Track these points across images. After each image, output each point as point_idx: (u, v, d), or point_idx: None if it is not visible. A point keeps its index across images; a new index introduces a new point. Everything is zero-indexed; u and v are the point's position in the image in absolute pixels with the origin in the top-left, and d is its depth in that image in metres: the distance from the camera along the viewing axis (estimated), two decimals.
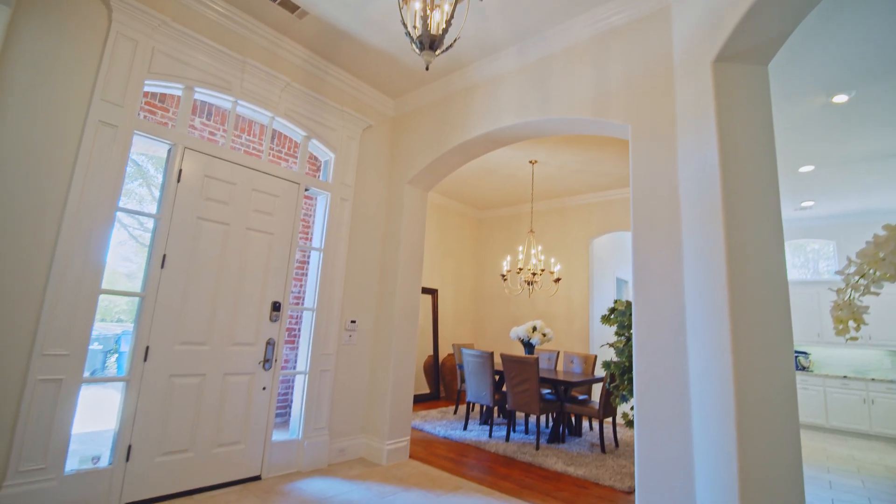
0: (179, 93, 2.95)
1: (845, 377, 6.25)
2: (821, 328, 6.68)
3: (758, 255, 2.08)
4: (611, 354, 6.14)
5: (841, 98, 3.54)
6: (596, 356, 5.39)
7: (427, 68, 1.99)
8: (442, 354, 7.24)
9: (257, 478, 3.10)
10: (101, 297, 2.51)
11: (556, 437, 4.66)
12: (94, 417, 4.29)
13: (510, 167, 5.80)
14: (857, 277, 0.88)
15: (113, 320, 7.06)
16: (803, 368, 6.75)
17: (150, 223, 2.87)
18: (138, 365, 2.64)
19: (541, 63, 3.22)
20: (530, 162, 5.56)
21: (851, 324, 0.86)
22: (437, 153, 3.80)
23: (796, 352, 6.86)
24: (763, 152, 2.18)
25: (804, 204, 6.13)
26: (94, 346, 6.49)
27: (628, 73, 2.75)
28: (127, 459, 2.56)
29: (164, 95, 3.96)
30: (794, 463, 1.91)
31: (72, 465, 2.52)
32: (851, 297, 0.88)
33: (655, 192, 2.51)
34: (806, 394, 6.43)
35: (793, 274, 7.24)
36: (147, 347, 2.68)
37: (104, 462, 2.58)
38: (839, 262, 6.78)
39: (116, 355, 6.51)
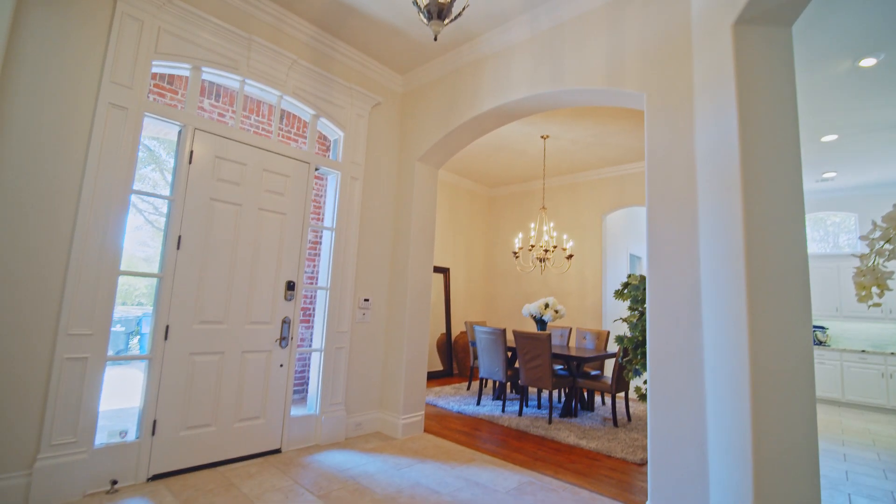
0: (187, 73, 2.94)
1: (864, 351, 6.16)
2: (839, 302, 6.56)
3: (777, 228, 2.03)
4: (624, 329, 6.13)
5: (868, 62, 3.38)
6: (608, 332, 5.39)
7: (435, 39, 1.94)
8: (454, 332, 7.30)
9: (277, 451, 3.20)
10: (122, 281, 2.57)
11: (568, 412, 4.71)
12: (120, 396, 4.45)
13: (521, 143, 5.70)
14: (882, 242, 0.85)
15: (134, 304, 7.28)
16: (820, 343, 6.67)
17: (164, 208, 2.90)
18: (159, 344, 2.71)
19: (552, 32, 3.13)
20: (542, 137, 5.46)
21: (875, 290, 0.84)
22: (448, 129, 3.75)
23: (813, 326, 6.77)
24: (785, 120, 2.11)
25: (826, 175, 5.95)
26: (117, 328, 6.70)
27: (644, 39, 2.65)
28: (153, 434, 2.66)
29: (172, 77, 3.95)
30: (809, 436, 1.90)
31: (101, 439, 2.63)
32: (875, 263, 0.85)
33: (671, 163, 2.45)
34: (822, 368, 6.37)
35: (812, 248, 7.08)
36: (167, 327, 2.74)
37: (131, 436, 2.69)
38: (860, 241, 6.61)
39: (138, 337, 6.71)
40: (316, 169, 3.58)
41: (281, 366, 3.25)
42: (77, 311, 2.40)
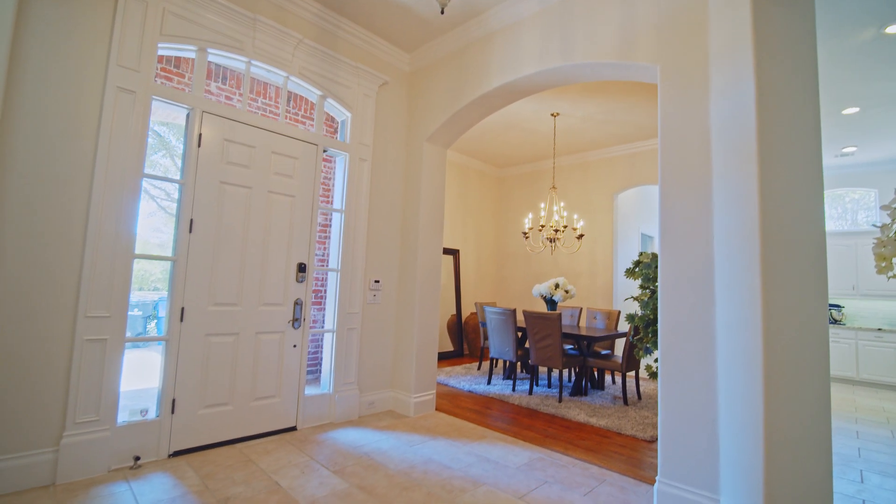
0: (193, 55, 2.92)
1: (880, 329, 6.07)
2: (856, 280, 6.45)
3: (794, 204, 1.98)
4: (634, 308, 6.11)
5: (895, 28, 3.24)
6: (619, 312, 5.37)
7: (442, 12, 1.89)
8: (465, 313, 7.34)
9: (293, 428, 3.28)
10: (137, 267, 2.62)
11: (578, 391, 4.74)
12: (140, 378, 4.57)
13: (531, 121, 5.61)
14: None
15: (150, 289, 7.44)
16: (835, 322, 6.59)
17: (176, 194, 2.93)
18: (175, 325, 2.77)
19: (562, 4, 3.04)
20: (552, 115, 5.36)
21: (895, 261, 0.81)
22: (456, 107, 3.70)
23: (829, 304, 6.67)
24: (804, 92, 2.04)
25: (845, 149, 5.77)
26: (135, 312, 6.86)
27: (657, 9, 2.56)
28: (172, 412, 2.74)
29: (178, 60, 3.93)
30: (821, 414, 1.89)
31: (123, 417, 2.71)
32: None
33: (685, 137, 2.39)
34: (837, 347, 6.30)
35: (829, 225, 6.93)
36: (182, 309, 2.79)
37: (152, 415, 2.77)
38: (880, 212, 6.44)
39: (155, 321, 6.86)
40: (324, 151, 3.57)
41: (294, 346, 3.31)
42: (95, 294, 2.45)
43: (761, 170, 2.00)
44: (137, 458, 2.58)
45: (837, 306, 6.67)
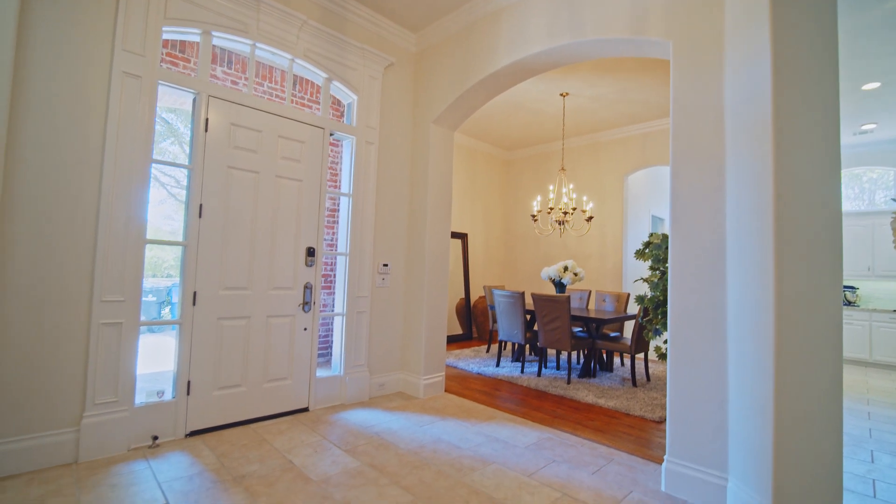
0: (197, 38, 2.90)
1: (895, 311, 5.99)
2: (872, 261, 6.33)
3: (809, 183, 1.93)
4: (644, 290, 6.08)
5: None
6: (629, 294, 5.35)
7: None
8: (473, 297, 7.36)
9: (305, 409, 3.35)
10: (150, 254, 2.65)
11: (587, 373, 4.76)
12: (156, 362, 4.68)
13: (540, 101, 5.52)
14: None
15: (163, 275, 7.57)
16: (849, 303, 6.50)
17: (186, 181, 2.94)
18: (188, 309, 2.81)
19: None
20: (561, 95, 5.26)
21: None
22: (463, 88, 3.64)
23: (843, 286, 6.58)
24: (823, 66, 1.97)
25: (865, 127, 5.61)
26: (149, 298, 6.99)
27: None
28: (188, 393, 2.80)
29: (183, 45, 3.91)
30: (833, 394, 1.87)
31: (140, 398, 2.78)
32: None
33: (698, 115, 2.34)
34: (850, 329, 6.23)
35: (846, 205, 6.78)
36: (195, 293, 2.83)
37: (168, 396, 2.84)
38: None
39: (169, 307, 6.98)
40: (331, 135, 3.55)
41: (305, 329, 3.35)
42: (109, 279, 2.49)
43: (776, 148, 1.95)
44: (155, 438, 2.65)
45: (852, 288, 6.58)
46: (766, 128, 1.97)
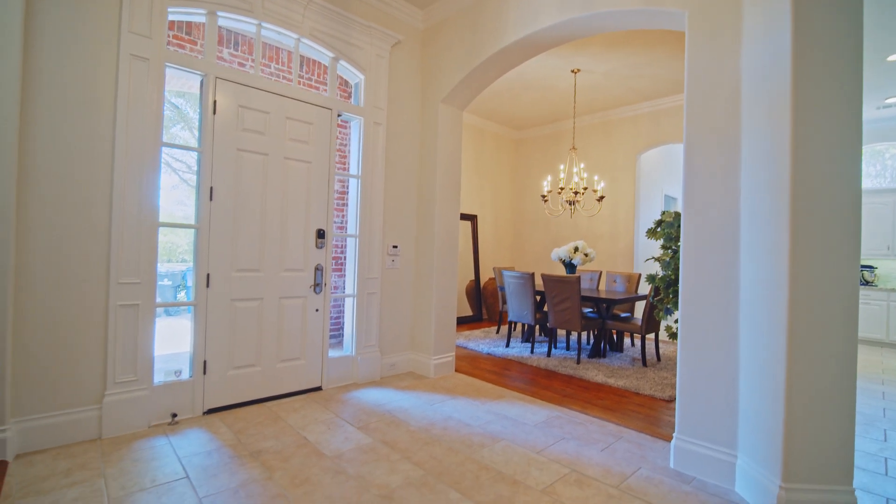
0: (203, 19, 2.88)
1: None
2: (892, 240, 6.18)
3: (828, 160, 1.88)
4: (655, 269, 6.03)
5: None
6: (640, 274, 5.31)
7: None
8: (483, 279, 7.37)
9: (318, 388, 3.42)
10: (165, 239, 2.69)
11: (597, 353, 4.77)
12: (172, 344, 4.79)
13: (550, 78, 5.40)
14: None
15: (178, 260, 7.71)
16: (867, 283, 6.38)
17: (196, 165, 2.95)
18: (202, 291, 2.86)
19: None
20: (572, 71, 5.14)
21: None
22: (471, 66, 3.58)
23: (861, 266, 6.45)
24: (846, 37, 1.89)
25: (889, 101, 5.40)
26: (164, 282, 7.13)
27: None
28: (204, 373, 2.87)
29: (190, 27, 3.88)
30: (846, 374, 1.86)
31: (159, 378, 2.86)
32: None
33: (713, 88, 2.27)
34: (868, 309, 6.13)
35: (865, 183, 6.59)
36: (208, 275, 2.88)
37: (185, 375, 2.91)
38: None
39: (184, 290, 7.13)
40: (339, 115, 3.53)
41: (317, 310, 3.39)
42: (124, 262, 2.54)
43: (794, 122, 1.89)
44: (174, 415, 2.73)
45: (870, 267, 6.45)
46: (784, 101, 1.91)
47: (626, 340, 5.65)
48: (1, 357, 2.16)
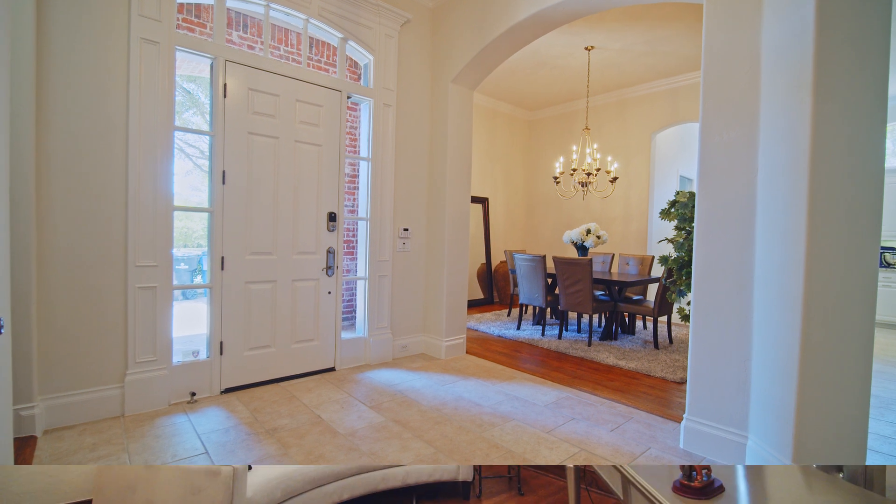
0: (212, 1, 2.86)
1: None
2: None
3: (851, 138, 1.81)
4: (668, 251, 5.95)
5: None
6: (653, 257, 5.25)
7: None
8: (494, 262, 7.37)
9: (332, 369, 3.48)
10: (180, 224, 2.75)
11: (608, 335, 4.76)
12: (190, 327, 4.91)
13: (564, 56, 5.28)
14: None
15: (194, 245, 7.86)
16: (888, 265, 6.22)
17: (209, 150, 2.97)
18: (217, 274, 2.92)
19: None
20: (586, 48, 5.02)
21: None
22: (482, 44, 3.51)
23: (882, 248, 6.28)
24: (874, 8, 1.80)
25: None
26: (181, 266, 7.29)
27: None
28: (221, 353, 2.94)
29: (199, 10, 3.86)
30: (862, 357, 1.83)
31: (177, 358, 2.94)
32: None
33: (732, 63, 2.20)
34: (888, 291, 5.99)
35: (889, 162, 6.36)
36: (222, 258, 2.93)
37: (202, 356, 2.99)
38: None
39: (200, 274, 7.27)
40: (348, 97, 3.51)
41: (329, 293, 3.44)
42: (141, 246, 2.59)
43: (816, 99, 1.82)
44: (193, 394, 2.82)
45: (892, 249, 6.28)
46: (805, 75, 1.85)
47: (639, 323, 5.63)
48: (27, 338, 2.24)
